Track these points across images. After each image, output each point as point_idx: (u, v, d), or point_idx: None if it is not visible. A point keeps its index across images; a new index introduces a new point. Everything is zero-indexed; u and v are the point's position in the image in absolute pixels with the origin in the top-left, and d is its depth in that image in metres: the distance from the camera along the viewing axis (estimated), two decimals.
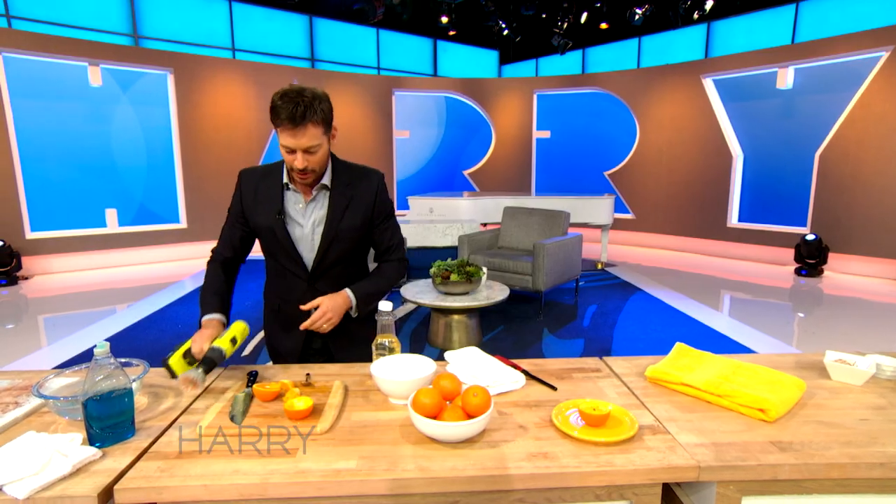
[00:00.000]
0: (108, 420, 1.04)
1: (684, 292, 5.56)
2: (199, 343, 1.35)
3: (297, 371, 1.46)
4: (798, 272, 6.50)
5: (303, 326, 1.48)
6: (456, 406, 1.12)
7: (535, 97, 9.42)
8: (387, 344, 1.39)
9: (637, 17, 7.31)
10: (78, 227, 6.64)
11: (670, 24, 8.26)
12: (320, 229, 1.56)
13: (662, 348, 1.55)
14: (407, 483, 0.97)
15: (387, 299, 1.46)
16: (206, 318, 1.49)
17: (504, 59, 11.01)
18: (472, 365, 1.43)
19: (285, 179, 1.55)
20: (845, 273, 6.43)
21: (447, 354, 1.51)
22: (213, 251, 1.65)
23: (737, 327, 4.45)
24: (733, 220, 7.58)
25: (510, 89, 9.60)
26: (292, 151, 1.41)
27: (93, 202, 6.79)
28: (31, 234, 6.26)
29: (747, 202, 7.54)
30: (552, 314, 4.72)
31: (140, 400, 1.25)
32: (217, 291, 1.56)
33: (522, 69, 10.76)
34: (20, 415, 1.17)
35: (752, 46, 7.38)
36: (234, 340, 1.33)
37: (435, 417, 1.09)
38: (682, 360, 1.44)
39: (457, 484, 0.98)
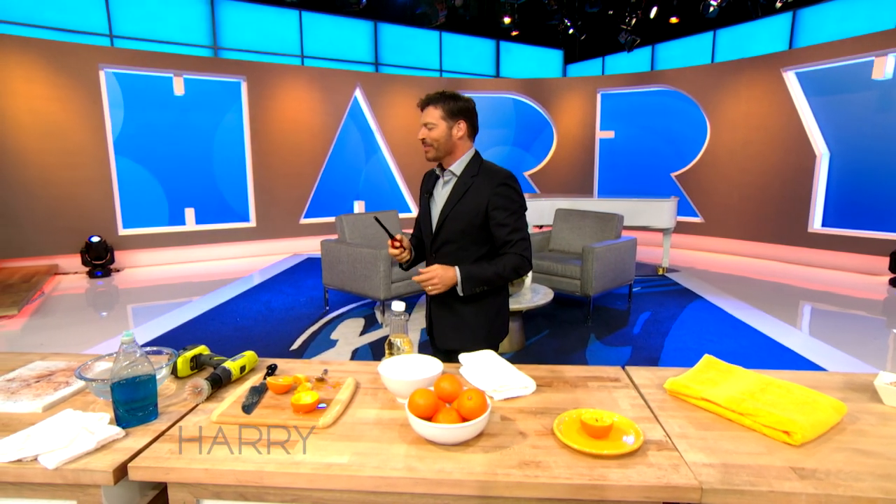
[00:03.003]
0: (131, 403, 1.13)
1: (753, 302, 5.16)
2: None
3: (316, 366, 1.52)
4: (893, 283, 5.85)
5: (415, 279, 1.74)
6: (452, 408, 1.12)
7: (598, 96, 9.13)
8: (398, 344, 1.42)
9: (712, 8, 6.88)
10: (161, 225, 7.27)
11: (749, 16, 7.71)
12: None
13: None
14: (393, 482, 0.99)
15: (402, 300, 1.48)
16: None
17: (569, 59, 10.75)
18: (483, 368, 1.42)
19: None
20: None
21: (461, 357, 1.51)
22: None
23: (812, 344, 4.05)
24: (815, 224, 6.93)
25: (572, 89, 9.37)
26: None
27: (174, 202, 7.39)
28: (122, 231, 6.92)
29: (833, 205, 6.86)
30: (601, 320, 4.54)
31: (168, 386, 1.35)
32: (415, 244, 1.96)
33: (588, 68, 10.45)
34: (67, 393, 1.30)
35: (845, 35, 6.71)
36: (242, 368, 1.41)
37: (430, 418, 1.09)
38: (708, 374, 1.36)
39: (443, 486, 0.98)
